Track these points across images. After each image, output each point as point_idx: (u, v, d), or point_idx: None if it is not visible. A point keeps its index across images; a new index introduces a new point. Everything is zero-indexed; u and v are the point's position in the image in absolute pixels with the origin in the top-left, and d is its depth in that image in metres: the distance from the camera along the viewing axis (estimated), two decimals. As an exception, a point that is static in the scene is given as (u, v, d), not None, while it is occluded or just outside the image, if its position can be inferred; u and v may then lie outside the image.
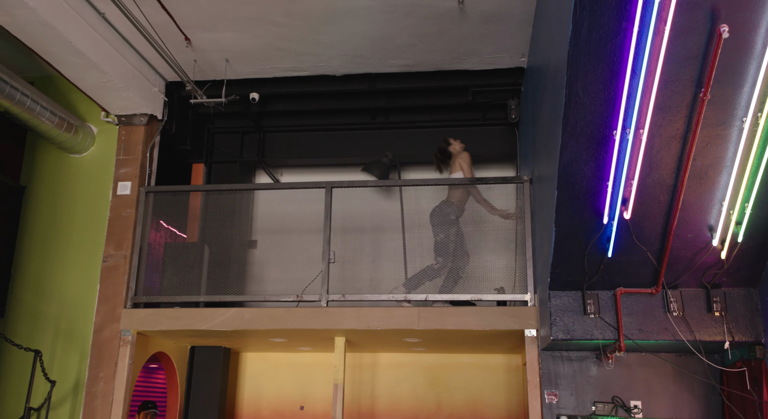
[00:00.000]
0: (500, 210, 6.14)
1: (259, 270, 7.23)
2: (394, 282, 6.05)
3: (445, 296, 5.77)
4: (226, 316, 5.85)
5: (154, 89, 6.49)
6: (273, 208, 7.58)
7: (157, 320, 5.89)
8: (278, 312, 5.79)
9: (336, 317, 5.71)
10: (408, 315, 5.64)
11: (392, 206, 7.14)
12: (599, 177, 4.06)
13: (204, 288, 6.29)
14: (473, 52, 6.19)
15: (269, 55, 6.27)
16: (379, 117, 7.77)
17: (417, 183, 6.17)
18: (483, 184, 6.09)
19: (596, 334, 4.63)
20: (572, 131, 3.87)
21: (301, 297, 5.92)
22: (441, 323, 5.61)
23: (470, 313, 5.61)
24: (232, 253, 6.97)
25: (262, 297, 6.09)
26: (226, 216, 6.92)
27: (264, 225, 7.94)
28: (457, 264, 6.01)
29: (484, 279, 5.93)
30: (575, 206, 4.23)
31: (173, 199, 6.52)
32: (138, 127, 6.43)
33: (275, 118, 7.89)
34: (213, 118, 7.86)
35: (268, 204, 7.98)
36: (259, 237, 8.02)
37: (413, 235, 6.51)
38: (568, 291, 4.76)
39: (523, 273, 5.76)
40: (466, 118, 7.63)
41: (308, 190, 6.44)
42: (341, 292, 5.90)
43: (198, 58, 6.33)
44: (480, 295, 5.72)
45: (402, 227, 6.51)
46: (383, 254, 6.62)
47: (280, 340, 6.56)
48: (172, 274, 6.24)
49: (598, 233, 4.33)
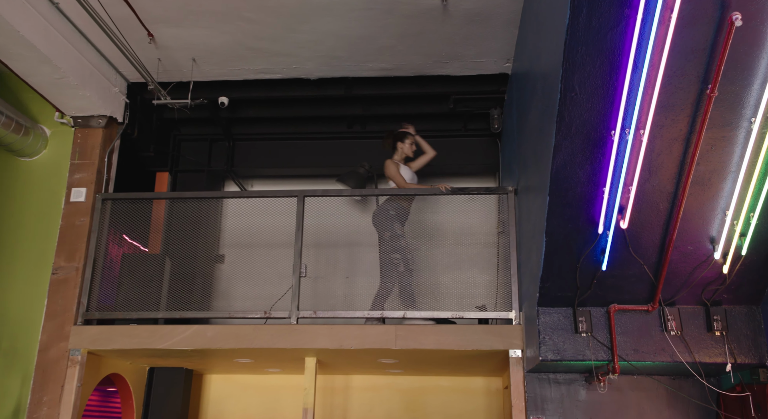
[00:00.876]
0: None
1: (225, 286, 6.78)
2: (370, 299, 5.65)
3: (424, 313, 5.38)
4: (186, 334, 5.39)
5: (114, 89, 6.06)
6: (242, 221, 7.16)
7: (110, 338, 5.40)
8: (244, 330, 5.35)
9: (307, 335, 5.29)
10: (384, 334, 5.24)
11: (368, 219, 6.76)
12: (595, 182, 3.73)
13: (164, 304, 5.83)
14: (456, 56, 5.87)
15: (239, 54, 5.89)
16: (356, 126, 7.42)
17: (394, 192, 5.79)
18: (465, 194, 5.74)
19: (588, 355, 4.27)
20: (567, 131, 3.54)
21: (269, 313, 5.49)
22: (419, 342, 5.21)
23: (451, 332, 5.23)
24: (197, 267, 6.51)
25: (227, 313, 5.64)
26: (191, 227, 6.49)
27: (232, 239, 7.51)
28: (408, 279, 5.67)
29: (466, 295, 5.55)
30: (568, 214, 3.89)
31: (133, 207, 6.07)
32: (95, 130, 5.99)
33: (246, 125, 7.50)
34: (179, 123, 7.45)
35: (237, 217, 7.56)
36: (226, 251, 7.58)
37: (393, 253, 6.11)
38: (558, 308, 4.40)
39: (507, 289, 5.40)
40: (447, 129, 7.31)
41: (279, 199, 6.05)
42: (313, 309, 5.49)
43: (162, 56, 5.93)
44: (461, 313, 5.34)
45: (379, 242, 6.12)
46: (358, 269, 6.21)
47: (247, 361, 6.10)
48: (128, 288, 5.77)
49: (592, 244, 3.99)
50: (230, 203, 7.69)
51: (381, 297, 5.59)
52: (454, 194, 5.68)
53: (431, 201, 6.24)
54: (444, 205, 6.12)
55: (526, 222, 4.98)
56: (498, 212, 6.40)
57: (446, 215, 5.93)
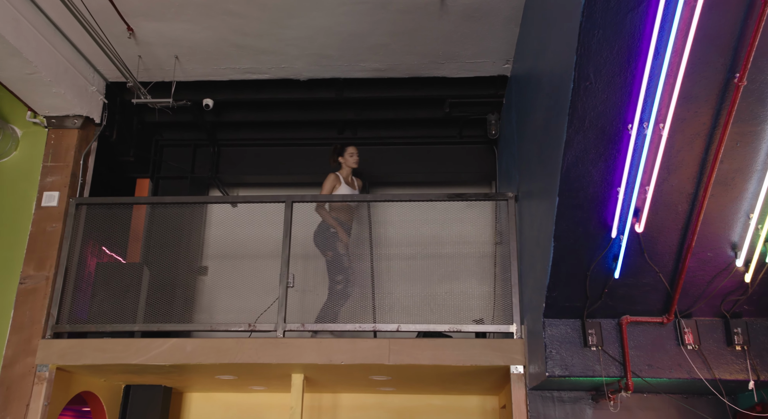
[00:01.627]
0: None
1: (207, 298, 6.41)
2: (362, 312, 5.32)
3: (419, 326, 5.03)
4: (164, 348, 5.02)
5: (92, 88, 5.72)
6: (227, 231, 6.81)
7: (81, 352, 5.02)
8: (226, 344, 4.98)
9: (293, 349, 4.93)
10: (377, 348, 4.89)
11: (360, 228, 6.43)
12: (609, 181, 3.43)
13: (141, 317, 5.45)
14: (452, 56, 5.59)
15: (224, 52, 5.57)
16: (347, 131, 7.11)
17: (388, 198, 5.48)
18: (463, 200, 5.42)
19: (598, 370, 3.94)
20: (579, 124, 3.24)
21: (253, 326, 5.13)
22: (414, 357, 4.87)
23: (448, 346, 4.89)
24: (177, 277, 6.14)
25: (209, 326, 5.28)
26: (173, 235, 6.14)
27: (216, 249, 7.15)
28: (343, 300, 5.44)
29: (464, 308, 5.23)
30: (578, 217, 3.58)
31: (110, 213, 5.70)
32: (70, 131, 5.64)
33: (231, 130, 7.17)
34: (161, 128, 7.11)
35: (221, 226, 7.21)
36: (210, 262, 7.22)
37: (381, 262, 5.79)
38: (566, 320, 4.07)
39: (506, 301, 5.08)
40: (441, 135, 7.03)
41: (266, 208, 5.73)
42: (300, 321, 5.14)
43: (143, 53, 5.60)
44: (459, 326, 5.00)
45: (370, 251, 5.79)
46: (349, 281, 5.86)
47: (229, 378, 5.72)
48: (103, 299, 5.39)
49: (604, 250, 3.68)
50: (214, 212, 7.36)
51: (322, 318, 5.42)
52: (452, 200, 5.37)
53: (425, 209, 5.93)
54: (440, 212, 5.81)
55: (528, 229, 4.68)
56: (495, 222, 6.11)
57: (439, 225, 5.61)
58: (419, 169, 7.17)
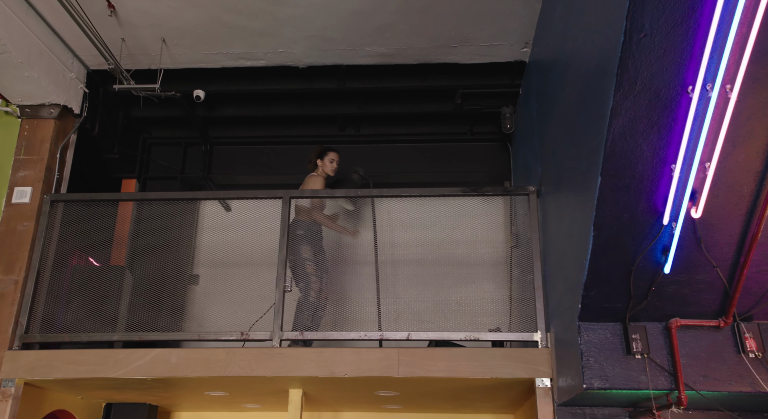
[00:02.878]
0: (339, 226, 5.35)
1: (196, 305, 5.87)
2: (367, 319, 4.78)
3: (434, 334, 4.49)
4: (146, 360, 4.47)
5: (70, 75, 5.22)
6: (219, 237, 6.28)
7: (53, 365, 4.47)
8: (215, 355, 4.44)
9: (291, 361, 4.38)
10: (384, 359, 4.35)
11: (362, 230, 5.91)
12: (662, 157, 2.92)
13: (122, 325, 4.92)
14: (466, 38, 5.10)
15: (216, 34, 5.08)
16: (349, 128, 6.62)
17: (394, 194, 4.95)
18: (480, 195, 4.91)
19: (644, 382, 3.40)
20: (629, 87, 2.73)
21: (247, 334, 4.59)
22: (427, 369, 4.32)
23: (464, 357, 4.35)
24: (165, 283, 5.60)
25: (197, 335, 4.73)
26: (160, 236, 5.61)
27: (208, 256, 6.62)
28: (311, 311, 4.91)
29: (481, 314, 4.70)
30: (624, 201, 3.06)
31: (89, 211, 5.16)
32: (46, 121, 5.13)
33: (224, 126, 6.68)
34: (149, 124, 6.62)
35: (214, 232, 6.69)
36: (201, 269, 6.68)
37: (387, 265, 5.26)
38: (605, 323, 3.54)
39: (528, 306, 4.55)
40: (451, 132, 6.55)
41: (262, 212, 5.25)
42: (299, 329, 4.60)
43: (127, 35, 5.11)
44: (476, 334, 4.47)
45: (375, 251, 5.26)
46: (352, 285, 5.32)
47: (220, 394, 5.17)
48: (79, 306, 4.85)
49: (653, 240, 3.16)
50: (206, 216, 6.85)
51: (303, 313, 4.93)
52: (467, 195, 4.85)
53: (436, 205, 5.40)
54: (453, 208, 5.30)
55: (555, 224, 4.16)
56: (511, 224, 5.59)
57: (452, 223, 5.10)
58: (426, 168, 6.67)
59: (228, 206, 7.00)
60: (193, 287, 6.46)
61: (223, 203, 7.02)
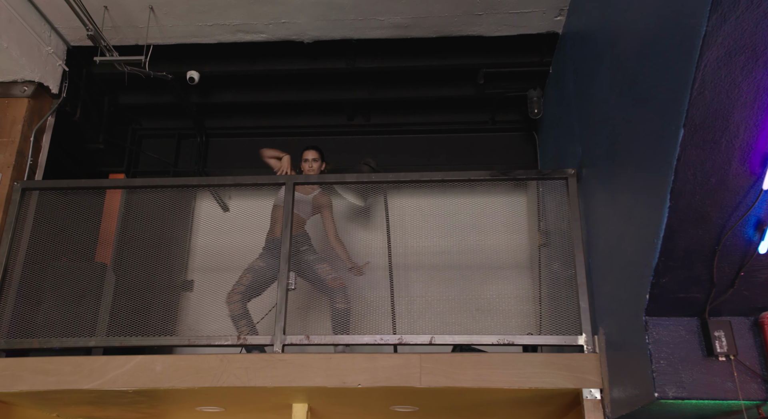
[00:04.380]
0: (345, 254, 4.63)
1: (187, 307, 5.24)
2: (381, 319, 4.16)
3: (462, 337, 3.86)
4: (126, 368, 3.84)
5: (47, 49, 4.65)
6: (216, 239, 5.68)
7: (17, 375, 3.83)
8: (207, 362, 3.80)
9: (295, 369, 3.75)
10: (404, 366, 3.71)
11: (376, 221, 5.30)
12: (766, 102, 2.32)
13: (102, 329, 4.29)
14: (492, 4, 4.52)
15: (211, 0, 4.50)
16: (358, 117, 6.05)
17: (413, 180, 4.34)
18: (511, 180, 4.32)
19: (732, 390, 2.76)
20: (732, 5, 2.14)
21: (244, 339, 3.97)
22: (453, 378, 3.69)
23: (497, 364, 3.71)
24: (154, 281, 4.96)
25: (187, 340, 4.09)
26: (149, 227, 5.00)
27: (203, 260, 6.02)
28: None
29: (513, 314, 4.09)
30: (712, 160, 2.46)
31: (67, 201, 4.55)
32: (18, 100, 4.55)
33: (221, 115, 6.10)
34: (139, 114, 6.06)
35: (210, 235, 6.10)
36: (196, 275, 6.07)
37: (404, 255, 4.63)
38: (678, 319, 2.91)
39: (570, 305, 3.92)
40: (470, 121, 5.97)
41: (261, 214, 4.69)
42: (304, 332, 3.98)
43: (110, 3, 4.54)
44: (510, 337, 3.84)
45: (388, 244, 4.64)
46: (362, 282, 4.68)
47: (214, 410, 4.52)
48: (52, 307, 4.23)
49: (747, 210, 2.55)
50: (202, 217, 6.27)
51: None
52: (496, 179, 4.26)
53: (458, 193, 4.79)
54: (481, 193, 4.72)
55: (606, 205, 3.56)
56: (538, 220, 4.98)
57: (478, 211, 4.50)
58: (443, 162, 6.07)
59: (225, 205, 6.42)
60: (188, 294, 5.86)
61: (221, 201, 6.43)
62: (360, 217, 5.73)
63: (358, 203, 5.50)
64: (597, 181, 3.76)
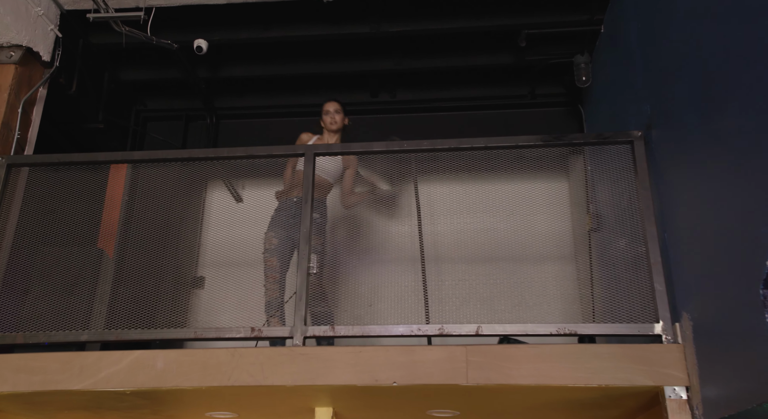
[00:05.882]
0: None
1: (197, 299, 4.69)
2: (415, 306, 3.58)
3: (515, 327, 3.27)
4: (122, 365, 3.29)
5: (36, 9, 4.15)
6: (228, 233, 5.14)
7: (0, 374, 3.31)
8: (216, 357, 3.25)
9: (318, 364, 3.18)
10: (448, 360, 3.13)
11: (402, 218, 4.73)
12: None
13: (98, 322, 3.76)
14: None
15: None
16: (383, 93, 5.51)
17: (451, 147, 3.75)
18: (564, 145, 3.74)
19: None
20: None
21: (260, 331, 3.42)
22: (506, 374, 3.10)
23: (558, 356, 3.12)
24: (161, 279, 4.42)
25: (193, 333, 3.53)
26: (158, 217, 4.46)
27: (215, 255, 5.49)
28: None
29: (570, 299, 3.50)
30: None
31: (62, 179, 4.00)
32: (4, 66, 4.06)
33: (232, 93, 5.61)
34: (144, 93, 5.59)
35: (222, 227, 5.56)
36: (208, 270, 5.54)
37: (442, 235, 4.04)
38: (804, 293, 2.32)
39: (641, 288, 3.32)
40: (506, 95, 5.43)
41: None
42: (328, 323, 3.41)
43: (105, -46, 4.05)
44: (573, 326, 3.25)
45: (418, 221, 4.05)
46: (391, 266, 4.08)
47: (226, 415, 3.96)
48: (41, 298, 3.70)
49: None
50: (213, 208, 5.74)
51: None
52: (549, 145, 3.70)
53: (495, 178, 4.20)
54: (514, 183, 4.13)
55: (687, 168, 2.98)
56: (588, 201, 4.38)
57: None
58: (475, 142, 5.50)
59: (239, 195, 5.91)
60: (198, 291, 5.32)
61: (234, 191, 5.91)
62: (386, 209, 5.18)
63: (383, 187, 4.95)
64: (674, 140, 3.18)
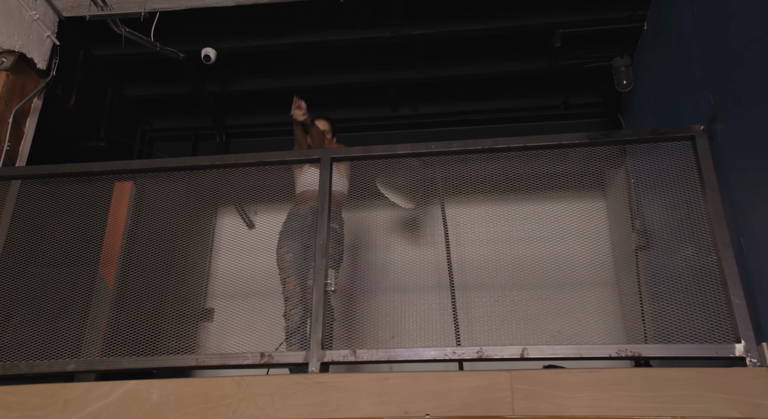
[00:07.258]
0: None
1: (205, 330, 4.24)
2: (444, 327, 3.12)
3: (566, 349, 2.80)
4: (112, 398, 2.85)
5: (31, 13, 3.85)
6: (240, 260, 4.74)
7: (-32, 408, 2.88)
8: (219, 387, 2.79)
9: (339, 394, 2.71)
10: (489, 388, 2.65)
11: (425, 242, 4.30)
12: None
13: (92, 350, 3.34)
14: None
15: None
16: (404, 107, 5.15)
17: (486, 147, 3.35)
18: (614, 143, 3.29)
19: None
20: None
21: (270, 357, 2.97)
22: (560, 404, 2.62)
23: (621, 383, 2.63)
24: (165, 311, 3.99)
25: (194, 360, 3.08)
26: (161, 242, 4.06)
27: (225, 285, 5.08)
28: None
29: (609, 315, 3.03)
30: None
31: (50, 193, 3.63)
32: (-5, 73, 3.74)
33: (243, 110, 5.29)
34: (148, 109, 5.27)
35: (232, 255, 5.17)
36: (216, 301, 5.12)
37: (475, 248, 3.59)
38: None
39: (715, 303, 2.85)
40: (538, 106, 5.06)
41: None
42: (348, 346, 2.96)
43: (104, -47, 3.75)
44: (636, 347, 2.78)
45: (444, 230, 3.60)
46: (415, 285, 3.61)
47: (234, 458, 3.48)
48: (25, 323, 3.28)
49: None
50: (224, 235, 5.37)
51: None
52: (596, 144, 3.27)
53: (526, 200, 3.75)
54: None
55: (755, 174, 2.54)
56: (632, 217, 3.92)
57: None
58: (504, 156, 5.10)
59: (251, 221, 5.52)
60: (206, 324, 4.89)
61: (246, 218, 5.53)
62: (407, 231, 4.76)
63: (405, 206, 4.52)
64: (744, 133, 2.75)
